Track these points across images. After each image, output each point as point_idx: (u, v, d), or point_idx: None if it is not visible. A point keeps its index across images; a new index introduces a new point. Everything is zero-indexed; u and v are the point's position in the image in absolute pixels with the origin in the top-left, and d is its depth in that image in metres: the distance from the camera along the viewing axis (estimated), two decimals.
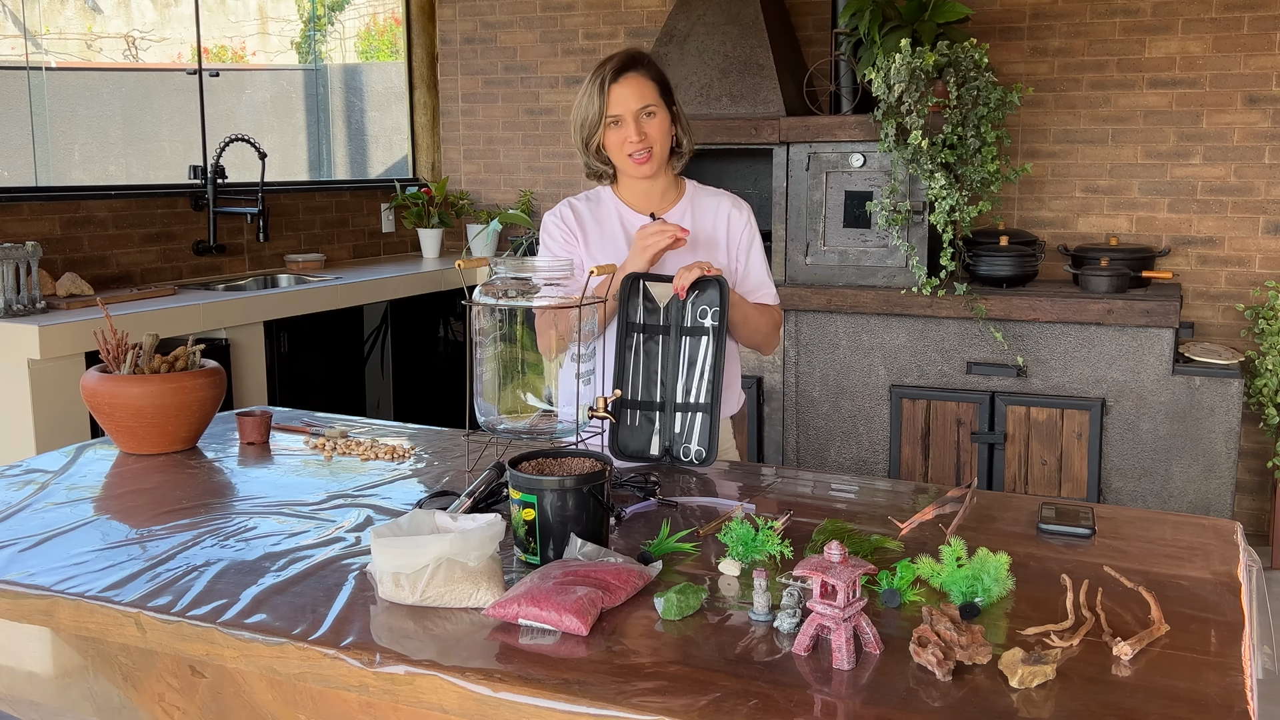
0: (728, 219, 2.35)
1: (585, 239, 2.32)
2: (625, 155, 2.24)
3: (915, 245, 3.99)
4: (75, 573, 1.57)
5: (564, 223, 2.33)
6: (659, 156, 2.25)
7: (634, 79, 2.22)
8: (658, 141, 2.24)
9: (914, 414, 4.03)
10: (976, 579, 1.43)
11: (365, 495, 1.93)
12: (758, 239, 2.38)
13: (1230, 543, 1.67)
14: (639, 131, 2.21)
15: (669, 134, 2.27)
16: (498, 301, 1.85)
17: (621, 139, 2.23)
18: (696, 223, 2.33)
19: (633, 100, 2.21)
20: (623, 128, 2.22)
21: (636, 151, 2.22)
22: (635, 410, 2.12)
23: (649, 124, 2.23)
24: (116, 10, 5.27)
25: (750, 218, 2.38)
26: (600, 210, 2.35)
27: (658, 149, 2.24)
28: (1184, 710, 1.17)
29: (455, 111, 5.58)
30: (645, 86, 2.23)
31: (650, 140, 2.22)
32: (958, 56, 3.83)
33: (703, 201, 2.37)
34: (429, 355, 4.80)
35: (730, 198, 2.39)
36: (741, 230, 2.36)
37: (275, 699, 1.46)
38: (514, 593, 1.40)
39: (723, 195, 2.39)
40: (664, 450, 2.12)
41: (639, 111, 2.21)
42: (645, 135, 2.22)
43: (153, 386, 2.16)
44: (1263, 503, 4.22)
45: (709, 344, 2.11)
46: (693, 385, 2.11)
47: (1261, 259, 4.17)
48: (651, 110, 2.23)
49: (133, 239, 4.18)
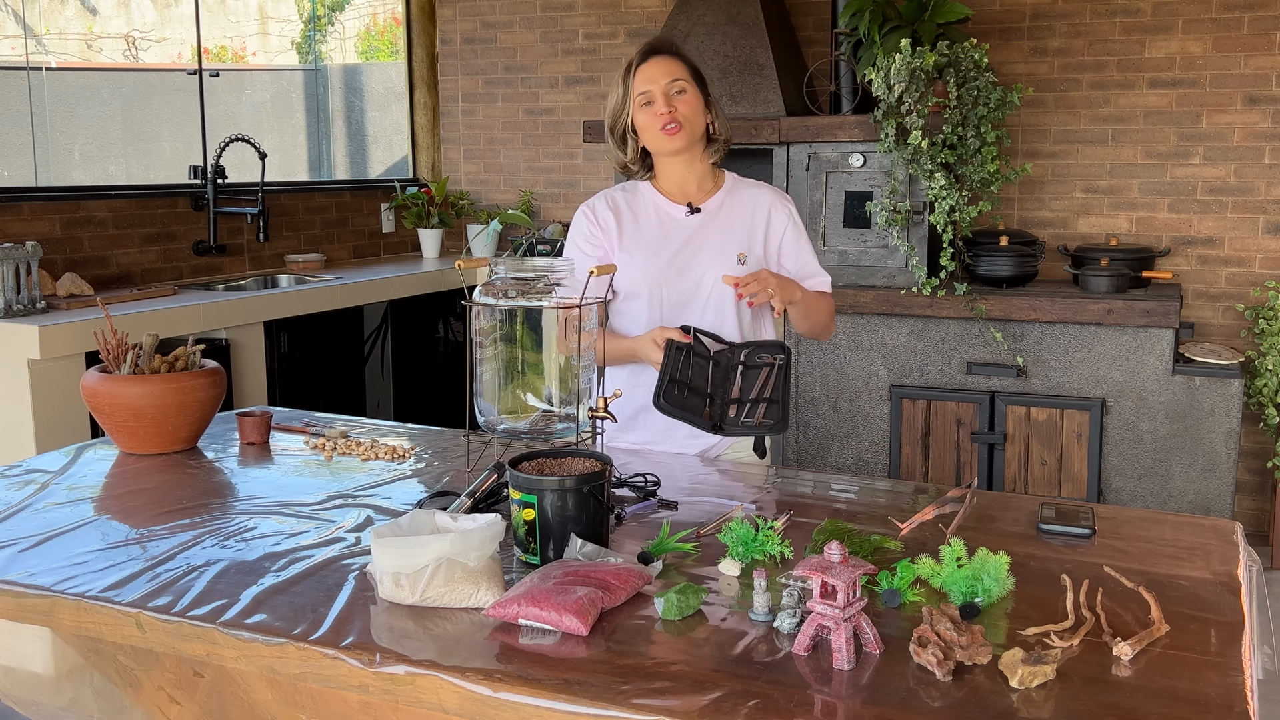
0: (768, 213, 2.30)
1: (620, 231, 2.28)
2: (656, 130, 2.17)
3: (915, 245, 3.99)
4: (75, 573, 1.57)
5: (594, 217, 2.29)
6: (691, 132, 2.18)
7: (662, 59, 2.18)
8: (689, 117, 2.17)
9: (914, 414, 4.03)
10: (976, 579, 1.43)
11: (365, 495, 1.93)
12: (803, 230, 2.34)
13: (1230, 543, 1.67)
14: (668, 104, 2.15)
15: (702, 114, 2.21)
16: (498, 301, 1.85)
17: (652, 115, 2.17)
18: (734, 214, 2.29)
19: (661, 76, 2.16)
20: (653, 104, 2.16)
21: (667, 124, 2.15)
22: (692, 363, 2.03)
23: (679, 100, 2.16)
24: (116, 10, 5.27)
25: (792, 211, 2.33)
26: (637, 202, 2.31)
27: (689, 124, 2.18)
28: (1184, 710, 1.17)
29: (455, 111, 5.58)
30: (674, 64, 2.18)
31: (681, 114, 2.16)
32: (958, 56, 3.83)
33: (742, 193, 2.31)
34: (429, 355, 4.80)
35: (772, 191, 2.34)
36: (784, 226, 2.31)
37: (275, 699, 1.46)
38: (514, 593, 1.40)
39: (764, 188, 2.34)
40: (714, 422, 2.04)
41: (668, 85, 2.16)
42: (675, 108, 2.15)
43: (153, 386, 2.16)
44: (1263, 503, 4.22)
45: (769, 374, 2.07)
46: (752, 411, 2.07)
47: (1261, 259, 4.17)
48: (682, 87, 2.17)
49: (133, 239, 4.18)
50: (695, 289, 2.25)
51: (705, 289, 2.25)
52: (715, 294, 2.24)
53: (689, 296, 2.25)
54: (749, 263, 2.25)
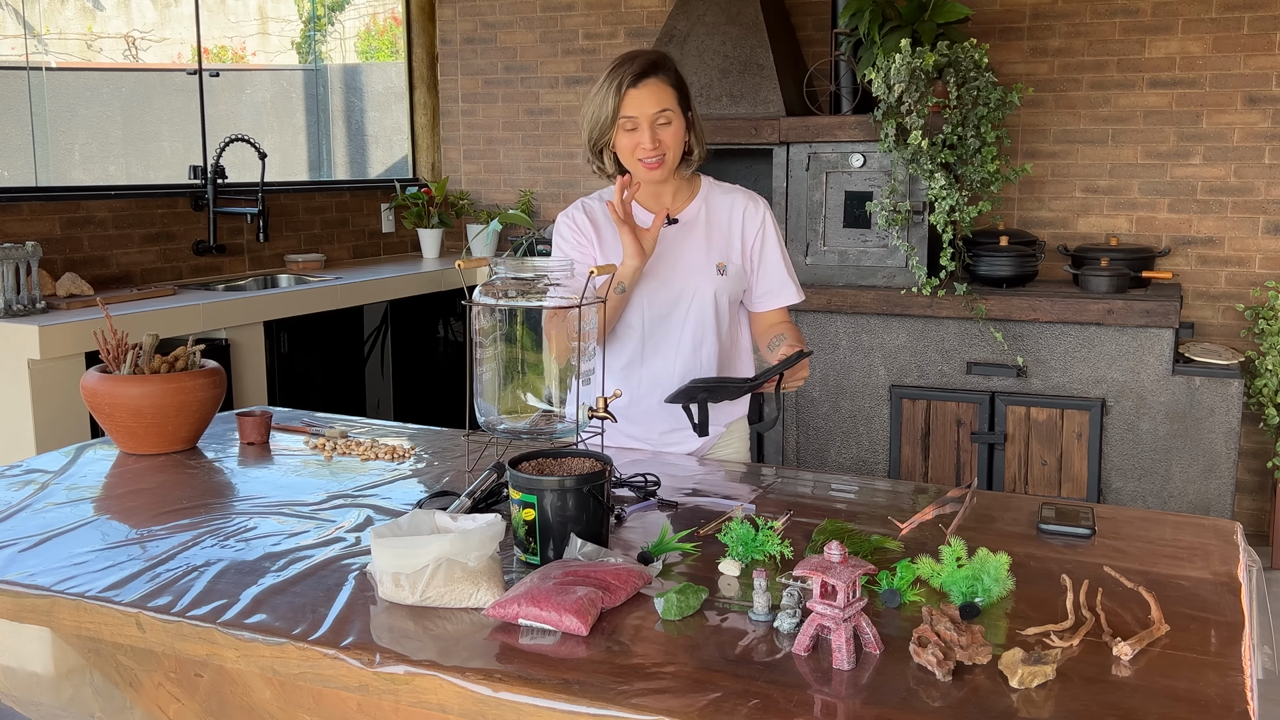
0: (742, 216, 2.30)
1: (600, 238, 2.28)
2: (636, 160, 2.18)
3: (915, 245, 3.99)
4: (75, 573, 1.57)
5: (575, 224, 2.30)
6: (670, 164, 2.20)
7: (654, 84, 2.15)
8: (671, 149, 2.18)
9: (914, 414, 4.03)
10: (976, 579, 1.43)
11: (365, 495, 1.93)
12: (773, 235, 2.31)
13: (1230, 543, 1.67)
14: (653, 139, 2.15)
15: (682, 141, 2.21)
16: (498, 301, 1.85)
17: (634, 144, 2.17)
18: (711, 223, 2.29)
19: (650, 105, 2.14)
20: (637, 133, 2.16)
21: (648, 158, 2.17)
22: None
23: (664, 131, 2.16)
24: (116, 10, 5.27)
25: (766, 214, 2.31)
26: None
27: (670, 156, 2.19)
28: (1184, 710, 1.17)
29: (455, 111, 5.58)
30: (664, 93, 2.16)
31: (664, 147, 2.17)
32: (958, 56, 3.83)
33: (718, 199, 2.32)
34: (429, 355, 4.80)
35: (745, 194, 2.33)
36: (757, 229, 2.30)
37: (275, 699, 1.46)
38: (514, 593, 1.40)
39: (738, 192, 2.34)
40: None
41: (654, 117, 2.15)
42: (659, 143, 2.16)
43: (153, 386, 2.16)
44: (1263, 503, 4.22)
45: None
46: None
47: (1261, 259, 4.17)
48: (668, 119, 2.16)
49: (133, 239, 4.18)
50: (676, 300, 2.25)
51: (686, 299, 2.25)
52: (696, 304, 2.25)
53: (669, 307, 2.26)
54: (728, 272, 2.26)
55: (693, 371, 2.27)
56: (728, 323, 2.30)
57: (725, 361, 2.32)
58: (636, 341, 2.28)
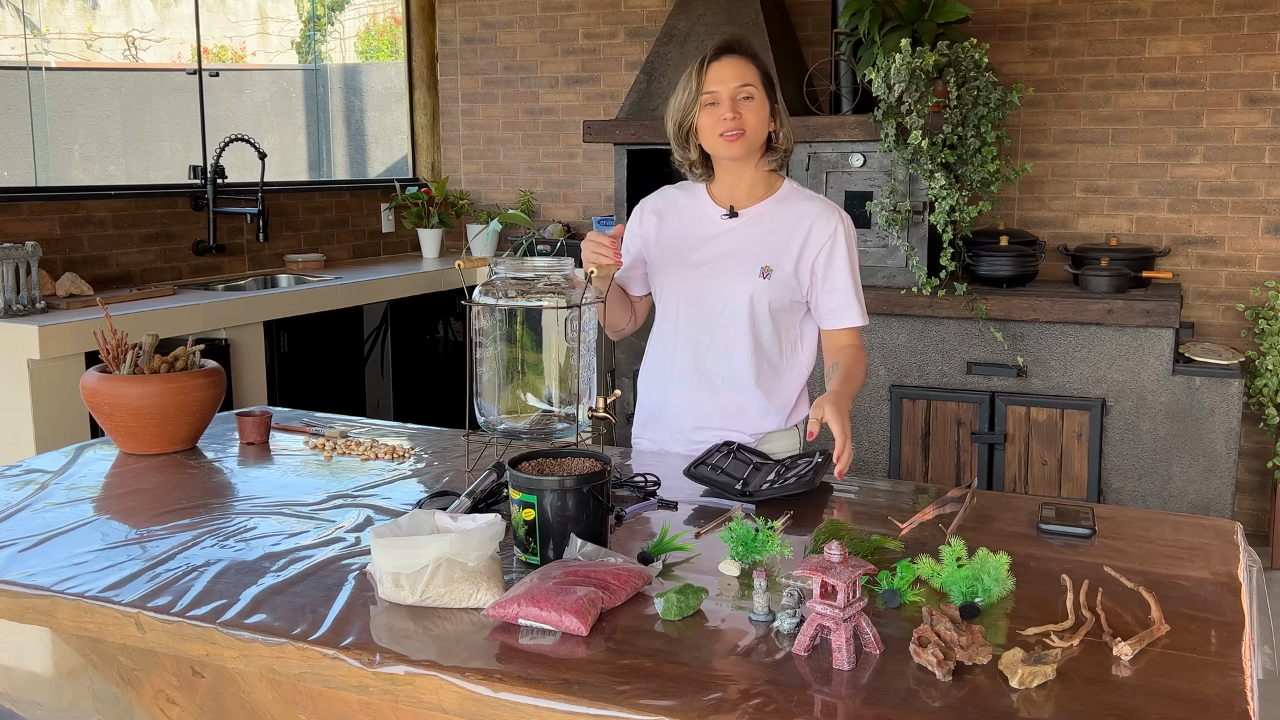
0: (810, 224, 2.18)
1: (660, 227, 2.27)
2: (716, 135, 2.11)
3: (915, 245, 3.99)
4: (75, 573, 1.57)
5: (640, 215, 2.30)
6: (751, 140, 2.13)
7: (735, 60, 2.12)
8: (752, 125, 2.12)
9: (914, 414, 4.03)
10: (976, 579, 1.43)
11: (365, 495, 1.93)
12: (844, 251, 2.19)
13: (1230, 543, 1.67)
14: (733, 110, 2.09)
15: (765, 123, 2.15)
16: (498, 301, 1.85)
17: (715, 118, 2.11)
18: (775, 223, 2.21)
19: (731, 79, 2.10)
20: (718, 107, 2.10)
21: (728, 130, 2.10)
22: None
23: (745, 107, 2.11)
24: (116, 10, 5.27)
25: (840, 228, 2.18)
26: (688, 199, 2.28)
27: (751, 133, 2.12)
28: (1184, 710, 1.16)
29: (455, 111, 5.58)
30: (746, 68, 2.12)
31: (744, 123, 2.11)
32: (958, 56, 3.83)
33: (792, 204, 2.22)
34: (429, 355, 4.80)
35: (824, 204, 2.21)
36: (825, 240, 2.17)
37: (275, 699, 1.46)
38: (514, 593, 1.40)
39: (817, 200, 2.22)
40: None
41: (736, 90, 2.10)
42: (739, 115, 2.10)
43: (153, 386, 2.16)
44: (1263, 503, 4.22)
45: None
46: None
47: (1261, 259, 4.17)
48: (750, 93, 2.11)
49: (133, 239, 4.18)
50: (711, 292, 2.20)
51: (721, 295, 2.19)
52: (732, 302, 2.18)
53: (707, 302, 2.20)
54: (773, 277, 2.16)
55: (720, 371, 2.21)
56: (769, 330, 2.21)
57: (764, 374, 2.23)
58: (670, 329, 2.25)
